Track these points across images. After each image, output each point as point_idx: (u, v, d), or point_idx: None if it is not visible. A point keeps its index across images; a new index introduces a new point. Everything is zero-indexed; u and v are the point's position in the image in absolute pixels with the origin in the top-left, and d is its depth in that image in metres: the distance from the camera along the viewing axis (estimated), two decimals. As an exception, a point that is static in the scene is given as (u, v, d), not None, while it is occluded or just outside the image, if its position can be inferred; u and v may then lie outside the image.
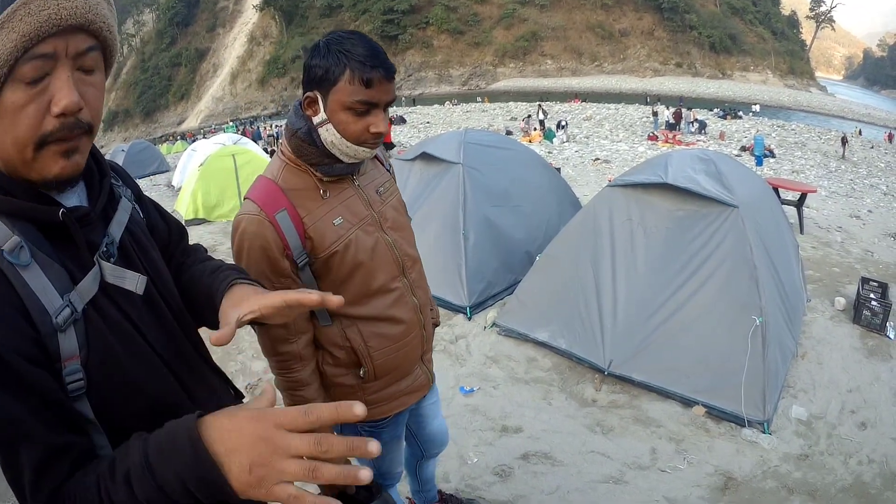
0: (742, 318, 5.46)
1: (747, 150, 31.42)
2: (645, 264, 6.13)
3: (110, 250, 1.50)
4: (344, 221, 2.45)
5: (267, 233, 2.30)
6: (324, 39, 2.32)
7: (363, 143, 2.35)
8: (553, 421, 5.47)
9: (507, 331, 6.85)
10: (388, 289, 2.61)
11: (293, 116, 2.45)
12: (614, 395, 5.77)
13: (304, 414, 1.09)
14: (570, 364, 6.28)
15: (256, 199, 2.36)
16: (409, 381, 2.78)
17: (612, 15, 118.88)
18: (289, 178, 2.43)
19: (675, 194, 6.15)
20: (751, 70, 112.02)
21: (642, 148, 31.69)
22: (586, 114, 50.32)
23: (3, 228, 1.30)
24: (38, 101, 1.24)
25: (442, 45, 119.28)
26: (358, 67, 2.21)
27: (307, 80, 2.34)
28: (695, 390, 5.48)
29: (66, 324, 1.31)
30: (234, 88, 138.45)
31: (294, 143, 2.42)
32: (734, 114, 51.08)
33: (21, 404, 1.20)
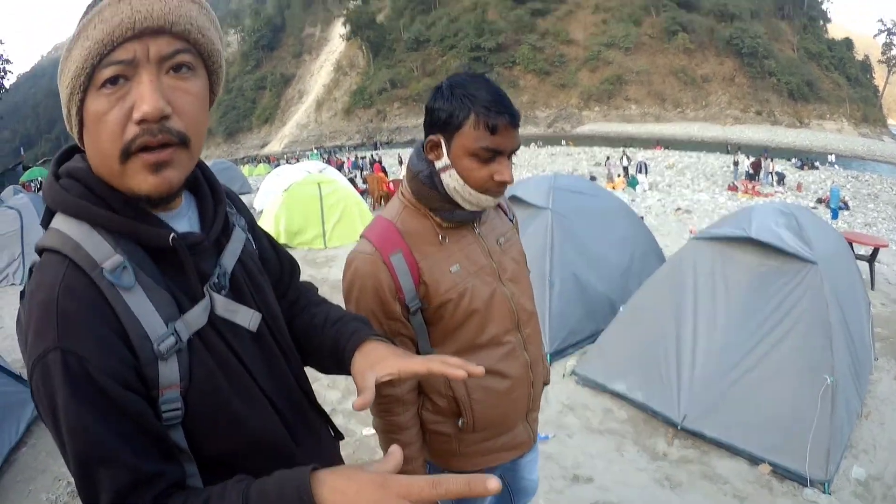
0: (813, 377, 5.36)
1: (823, 202, 30.68)
2: (725, 319, 6.06)
3: (222, 282, 1.47)
4: (461, 269, 2.37)
5: (381, 274, 2.25)
6: (447, 81, 2.26)
7: (487, 191, 2.26)
8: (623, 473, 5.43)
9: (586, 380, 6.82)
10: (499, 342, 2.47)
11: (415, 158, 2.38)
12: (685, 449, 5.71)
13: (431, 486, 1.03)
14: (644, 417, 6.22)
15: (373, 239, 2.31)
16: (508, 437, 2.60)
17: (694, 60, 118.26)
18: (407, 221, 2.37)
19: (757, 249, 6.10)
20: (826, 118, 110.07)
21: (722, 198, 31.17)
22: (668, 161, 49.92)
23: (105, 245, 1.28)
24: (119, 107, 1.21)
25: (528, 86, 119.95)
26: (483, 113, 2.13)
27: (430, 122, 2.27)
28: (763, 448, 5.39)
29: (168, 352, 1.28)
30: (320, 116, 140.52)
31: (415, 185, 2.36)
32: (811, 164, 50.11)
33: (108, 427, 1.17)
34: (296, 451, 1.57)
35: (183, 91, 1.28)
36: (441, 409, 2.46)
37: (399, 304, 2.29)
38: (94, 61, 1.19)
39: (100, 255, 1.26)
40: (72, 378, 1.15)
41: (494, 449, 2.58)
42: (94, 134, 1.25)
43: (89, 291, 1.23)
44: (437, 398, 2.45)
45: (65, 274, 1.23)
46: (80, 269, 1.24)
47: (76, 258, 1.25)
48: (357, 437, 5.94)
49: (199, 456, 1.36)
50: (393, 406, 2.38)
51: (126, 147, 1.22)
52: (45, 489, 5.47)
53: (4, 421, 5.93)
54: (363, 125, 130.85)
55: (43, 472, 5.69)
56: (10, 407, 6.08)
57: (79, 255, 1.26)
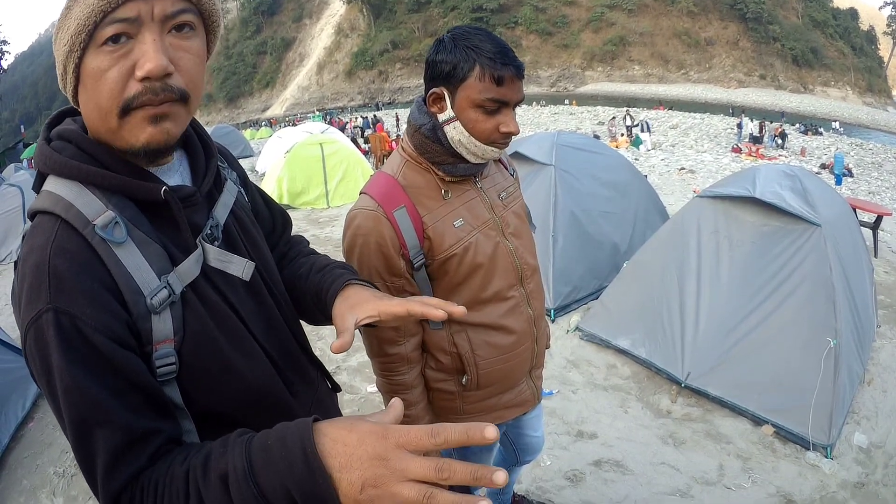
0: (817, 339, 5.35)
1: (827, 167, 30.63)
2: (729, 278, 6.06)
3: (215, 233, 1.48)
4: (465, 224, 2.35)
5: (384, 229, 2.22)
6: (448, 34, 2.23)
7: (492, 143, 2.24)
8: (627, 429, 5.44)
9: (590, 336, 6.82)
10: (503, 297, 2.48)
11: (416, 112, 2.35)
12: (689, 407, 5.71)
13: (430, 435, 1.02)
14: (648, 373, 6.22)
15: (375, 195, 2.28)
16: (512, 394, 2.63)
17: (698, 23, 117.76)
18: (409, 176, 2.34)
19: (761, 209, 6.07)
20: (831, 85, 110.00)
21: (726, 160, 31.15)
22: (672, 122, 49.74)
23: (96, 203, 1.28)
24: (120, 64, 1.21)
25: (531, 46, 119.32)
26: (489, 64, 2.11)
27: (431, 75, 2.25)
28: (766, 409, 5.40)
29: (161, 306, 1.28)
30: (321, 79, 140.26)
31: (417, 139, 2.32)
32: (815, 130, 50.07)
33: (102, 386, 1.17)
34: (293, 404, 1.59)
35: (184, 49, 1.29)
36: (445, 366, 2.46)
37: (403, 260, 2.28)
38: (96, 18, 1.18)
39: (91, 212, 1.27)
40: (65, 337, 1.15)
41: (499, 406, 2.60)
42: (93, 90, 1.24)
43: (81, 249, 1.23)
44: (441, 355, 2.45)
45: (56, 233, 1.24)
46: (72, 228, 1.25)
47: (68, 217, 1.26)
48: (362, 395, 5.96)
49: (195, 411, 1.36)
50: (398, 365, 2.38)
51: (127, 103, 1.22)
52: (52, 462, 5.46)
53: (10, 397, 5.92)
54: (365, 86, 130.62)
55: (50, 446, 5.68)
56: (16, 383, 6.07)
57: (70, 213, 1.26)
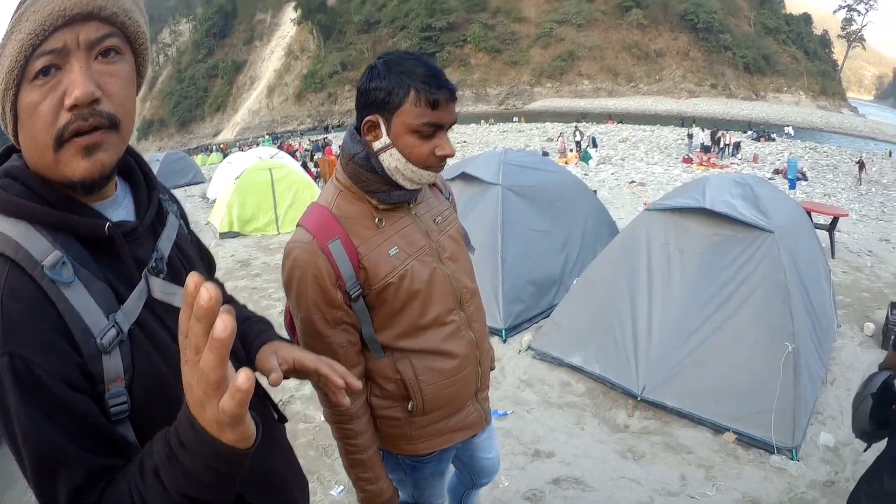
0: (774, 345, 5.42)
1: (780, 172, 31.20)
2: (680, 289, 6.10)
3: (159, 266, 1.47)
4: (400, 251, 2.34)
5: (320, 262, 2.21)
6: (380, 60, 2.24)
7: (429, 167, 2.26)
8: (585, 446, 5.45)
9: (542, 354, 6.83)
10: (443, 321, 2.46)
11: (349, 141, 2.34)
12: (646, 420, 5.75)
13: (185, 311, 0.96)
14: (603, 389, 6.25)
15: (309, 227, 2.27)
16: (459, 417, 2.61)
17: (648, 35, 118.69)
18: (343, 206, 2.34)
19: (712, 219, 6.13)
20: (784, 91, 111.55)
21: (677, 171, 31.67)
22: (622, 135, 50.25)
23: (43, 242, 1.27)
24: (51, 96, 1.21)
25: (479, 64, 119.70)
26: (423, 88, 2.13)
27: (365, 103, 2.23)
28: (725, 417, 5.45)
29: (111, 345, 1.27)
30: (271, 102, 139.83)
31: (351, 168, 2.33)
32: (768, 136, 50.81)
33: (60, 429, 1.17)
34: None
35: (111, 75, 1.29)
36: (389, 393, 2.45)
37: (340, 292, 2.26)
38: (26, 53, 1.19)
39: (39, 252, 1.25)
40: (20, 382, 1.15)
41: (446, 430, 2.58)
42: (29, 126, 1.25)
43: (32, 291, 1.22)
44: (385, 383, 2.43)
45: (7, 275, 1.22)
46: (22, 269, 1.23)
47: (17, 258, 1.24)
48: (315, 424, 5.91)
49: None
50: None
51: (59, 134, 1.22)
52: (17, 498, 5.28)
53: None
54: (314, 109, 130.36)
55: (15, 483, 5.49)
56: None
57: (19, 254, 1.24)
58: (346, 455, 2.45)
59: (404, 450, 2.57)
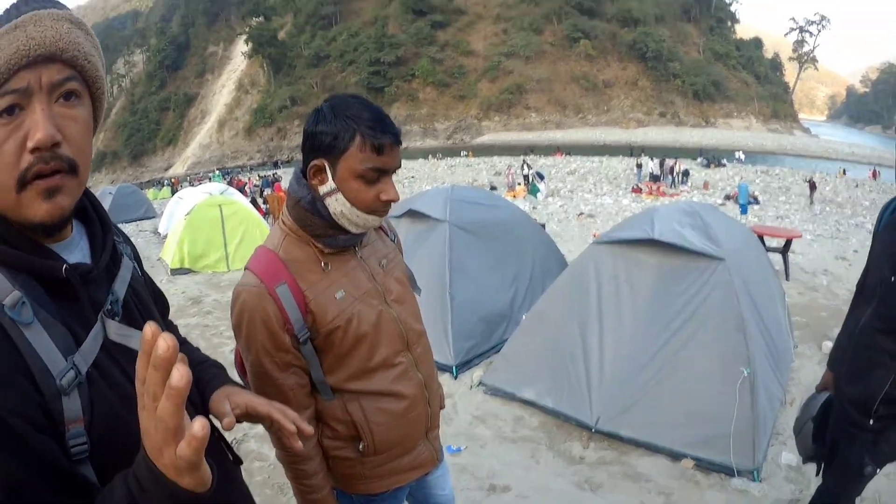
0: (730, 370, 5.46)
1: (731, 198, 31.54)
2: (632, 320, 6.14)
3: (115, 308, 1.46)
4: (346, 295, 2.35)
5: (268, 306, 2.21)
6: (327, 104, 2.25)
7: (374, 212, 2.28)
8: (541, 479, 5.45)
9: (494, 390, 6.84)
10: (391, 363, 2.47)
11: (295, 185, 2.35)
12: (602, 451, 5.76)
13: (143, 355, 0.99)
14: (557, 422, 6.26)
15: (257, 271, 2.27)
16: (411, 457, 2.60)
17: (597, 66, 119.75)
18: (290, 250, 2.33)
19: (661, 249, 6.19)
20: (734, 116, 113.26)
21: (626, 201, 31.86)
22: (570, 167, 50.56)
23: (4, 282, 1.25)
24: (14, 137, 1.20)
25: (427, 98, 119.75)
26: (369, 134, 2.15)
27: (311, 146, 2.24)
28: (683, 444, 5.48)
29: (70, 387, 1.25)
30: (222, 136, 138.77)
31: (297, 212, 2.32)
32: (718, 162, 51.41)
33: (25, 470, 1.14)
34: None
35: (71, 119, 1.28)
36: (340, 434, 2.44)
37: (288, 336, 2.26)
38: None
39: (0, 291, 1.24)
40: None
41: (398, 470, 2.58)
42: None
43: None
44: (336, 424, 2.43)
45: None
46: None
47: None
48: (270, 462, 5.84)
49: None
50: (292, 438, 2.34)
51: (22, 176, 1.22)
52: None
53: None
54: (264, 144, 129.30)
55: None
56: None
57: None
58: (301, 495, 2.45)
59: (358, 489, 2.56)
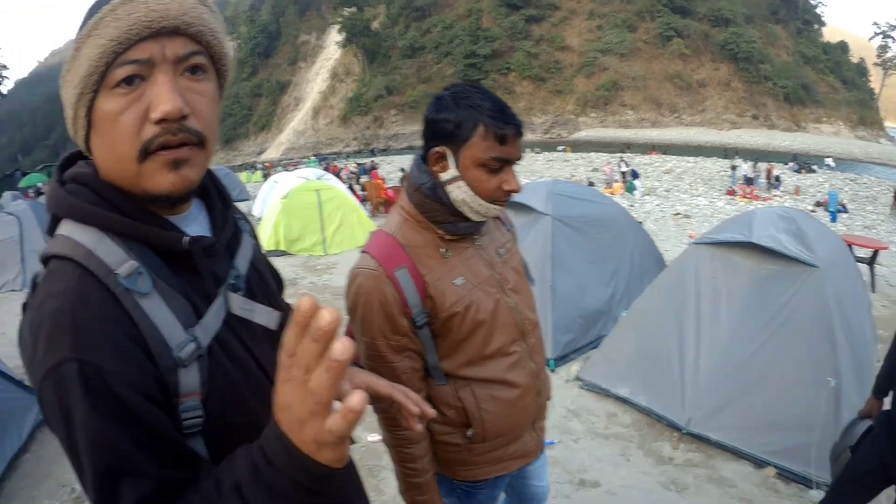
0: (817, 380, 5.37)
1: (822, 205, 30.77)
2: (728, 323, 6.09)
3: (238, 283, 1.45)
4: (465, 282, 2.37)
5: (386, 289, 2.23)
6: (448, 93, 2.26)
7: (495, 201, 2.28)
8: (630, 477, 5.45)
9: (590, 385, 6.85)
10: (506, 352, 2.48)
11: (416, 171, 2.36)
12: (691, 453, 5.73)
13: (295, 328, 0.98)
14: (649, 421, 6.25)
15: (375, 254, 2.29)
16: (516, 446, 2.61)
17: (690, 65, 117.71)
18: (408, 235, 2.35)
19: (758, 253, 6.12)
20: (823, 122, 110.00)
21: (721, 203, 31.36)
22: (666, 167, 49.87)
23: (117, 251, 1.24)
24: (134, 108, 1.19)
25: (524, 92, 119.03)
26: (492, 123, 2.15)
27: (433, 133, 2.26)
28: (767, 451, 5.42)
29: (189, 359, 1.25)
30: (316, 123, 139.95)
31: (417, 198, 2.34)
32: (808, 168, 50.21)
33: (131, 438, 1.14)
34: None
35: (198, 93, 1.27)
36: (450, 419, 2.46)
37: (406, 319, 2.28)
38: (108, 59, 1.18)
39: (113, 260, 1.23)
40: (90, 389, 1.11)
41: (503, 458, 2.59)
42: (108, 135, 1.23)
43: (105, 299, 1.19)
44: (446, 409, 2.45)
45: (78, 281, 1.19)
46: (94, 276, 1.20)
47: (89, 264, 1.21)
48: (363, 444, 5.94)
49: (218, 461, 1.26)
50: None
51: (145, 147, 1.21)
52: (48, 495, 5.45)
53: (7, 427, 5.93)
54: (360, 132, 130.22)
55: (46, 478, 5.67)
56: (13, 413, 6.08)
57: (91, 261, 1.22)
58: (404, 478, 2.47)
59: (460, 475, 2.57)
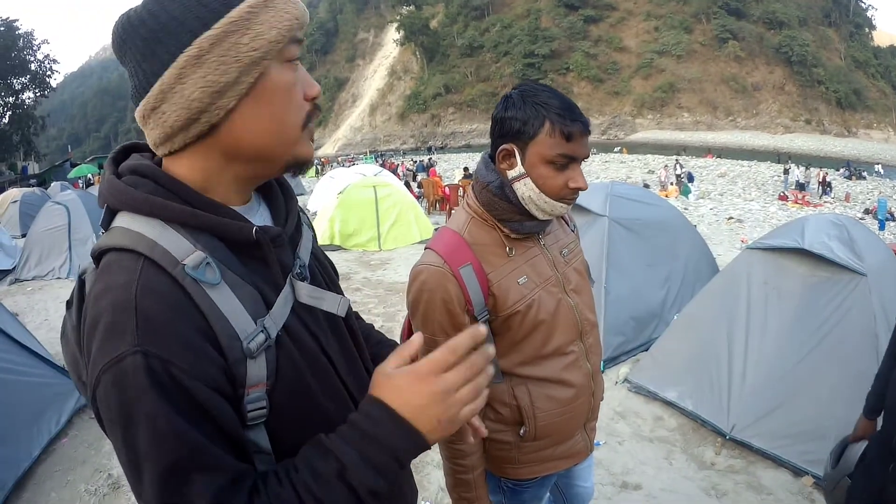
0: (859, 391, 5.30)
1: (870, 212, 30.41)
2: (777, 329, 6.05)
3: (303, 272, 1.45)
4: (528, 281, 2.36)
5: (450, 286, 2.24)
6: (516, 91, 2.29)
7: (562, 199, 2.28)
8: (672, 481, 5.44)
9: (638, 387, 6.83)
10: (563, 352, 2.47)
11: (483, 169, 2.38)
12: (733, 459, 5.70)
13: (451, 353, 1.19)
14: (694, 425, 6.22)
15: (441, 251, 2.30)
16: (567, 446, 2.59)
17: (745, 67, 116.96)
18: (475, 233, 2.36)
19: (809, 260, 6.07)
20: (874, 127, 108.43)
21: (773, 208, 31.04)
22: (720, 170, 49.42)
23: (183, 241, 1.22)
24: (299, 83, 1.30)
25: (582, 93, 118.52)
26: (559, 120, 2.17)
27: (501, 132, 2.29)
28: (807, 460, 5.35)
29: (258, 350, 1.23)
30: (374, 120, 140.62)
31: (485, 196, 2.35)
32: (858, 174, 49.43)
33: (200, 431, 1.12)
34: None
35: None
36: (503, 417, 2.47)
37: (468, 316, 2.29)
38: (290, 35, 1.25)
39: (179, 251, 1.21)
40: (158, 383, 1.10)
41: (553, 457, 2.59)
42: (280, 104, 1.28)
43: (172, 290, 1.17)
44: (500, 407, 2.46)
45: (141, 272, 1.17)
46: (159, 267, 1.18)
47: (153, 256, 1.19)
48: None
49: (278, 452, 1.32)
50: None
51: (308, 118, 1.33)
52: (84, 480, 5.54)
53: (45, 412, 6.07)
54: (417, 129, 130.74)
55: (83, 464, 5.78)
56: (53, 398, 6.23)
57: (156, 252, 1.19)
58: (453, 474, 2.48)
59: (508, 473, 2.58)
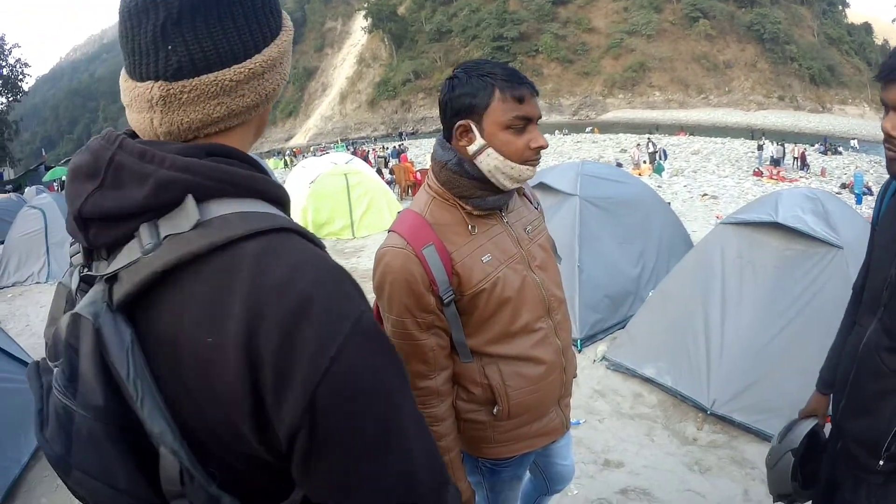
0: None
1: (847, 187, 30.80)
2: (753, 303, 6.07)
3: None
4: (493, 259, 2.38)
5: (413, 267, 2.25)
6: (459, 70, 2.33)
7: (526, 161, 2.30)
8: (654, 457, 5.44)
9: (616, 365, 6.83)
10: (532, 329, 2.48)
11: (440, 150, 2.40)
12: (714, 434, 5.71)
13: None
14: (674, 401, 6.22)
15: (403, 233, 2.30)
16: (542, 423, 2.61)
17: (716, 46, 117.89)
18: (436, 213, 2.38)
19: (784, 233, 6.09)
20: (848, 103, 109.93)
21: (748, 184, 31.31)
22: (693, 147, 49.67)
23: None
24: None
25: (552, 74, 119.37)
26: (507, 86, 2.21)
27: (452, 111, 2.31)
28: (789, 433, 5.38)
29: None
30: (344, 108, 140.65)
31: (444, 175, 2.37)
32: (834, 149, 49.87)
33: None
34: None
35: None
36: (476, 397, 2.47)
37: (433, 296, 2.30)
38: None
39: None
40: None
41: (528, 435, 2.60)
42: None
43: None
44: (472, 386, 2.46)
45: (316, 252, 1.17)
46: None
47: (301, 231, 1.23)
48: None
49: None
50: (429, 398, 2.39)
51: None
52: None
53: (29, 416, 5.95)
54: (388, 116, 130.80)
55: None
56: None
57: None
58: None
59: (485, 453, 2.59)
